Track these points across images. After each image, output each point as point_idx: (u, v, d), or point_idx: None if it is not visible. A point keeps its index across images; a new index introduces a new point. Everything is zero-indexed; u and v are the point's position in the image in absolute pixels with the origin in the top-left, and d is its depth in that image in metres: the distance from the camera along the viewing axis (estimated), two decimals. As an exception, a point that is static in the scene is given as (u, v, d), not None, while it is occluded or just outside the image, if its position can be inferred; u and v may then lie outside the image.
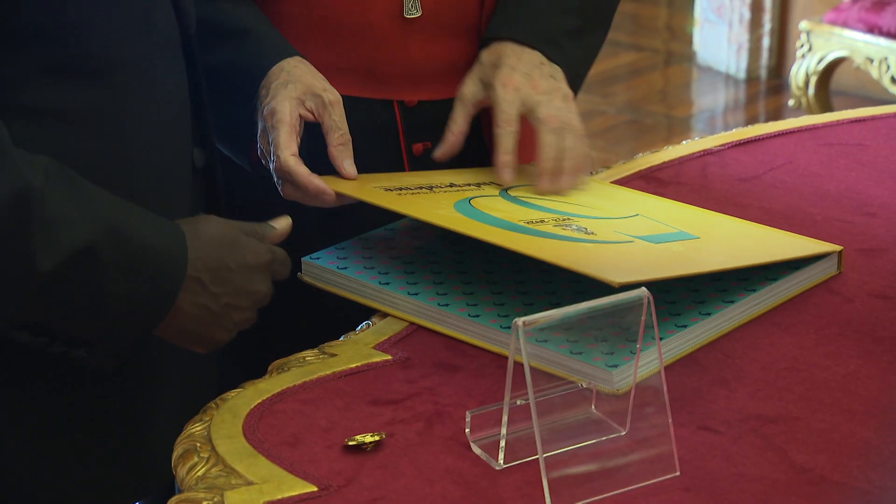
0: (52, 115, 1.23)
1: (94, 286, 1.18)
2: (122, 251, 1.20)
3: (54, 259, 1.14)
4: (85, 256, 1.16)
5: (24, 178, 1.13)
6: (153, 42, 1.33)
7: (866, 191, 1.62)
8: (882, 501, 1.07)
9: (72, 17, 1.21)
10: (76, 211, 1.17)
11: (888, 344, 1.30)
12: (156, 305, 1.23)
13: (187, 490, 1.11)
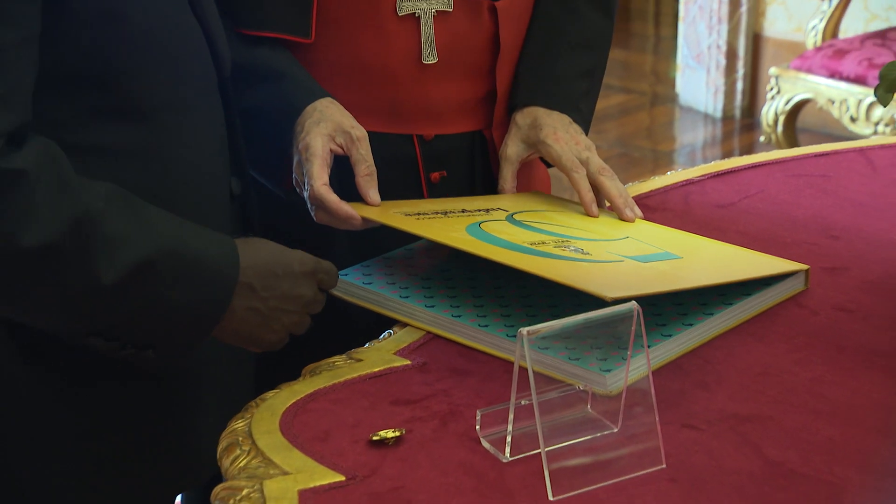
0: (103, 151, 1.23)
1: (155, 296, 1.19)
2: (179, 263, 1.21)
3: (116, 273, 1.15)
4: (144, 269, 1.17)
5: (85, 203, 1.14)
6: (193, 85, 1.34)
7: (830, 216, 1.62)
8: (845, 492, 1.06)
9: (118, 65, 1.21)
10: (134, 229, 1.17)
11: (850, 352, 1.30)
12: (212, 310, 1.24)
13: (231, 479, 1.11)
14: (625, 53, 6.31)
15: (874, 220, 1.62)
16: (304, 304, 1.31)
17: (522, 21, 1.69)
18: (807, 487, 1.07)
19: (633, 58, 6.45)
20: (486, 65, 1.67)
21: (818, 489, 1.07)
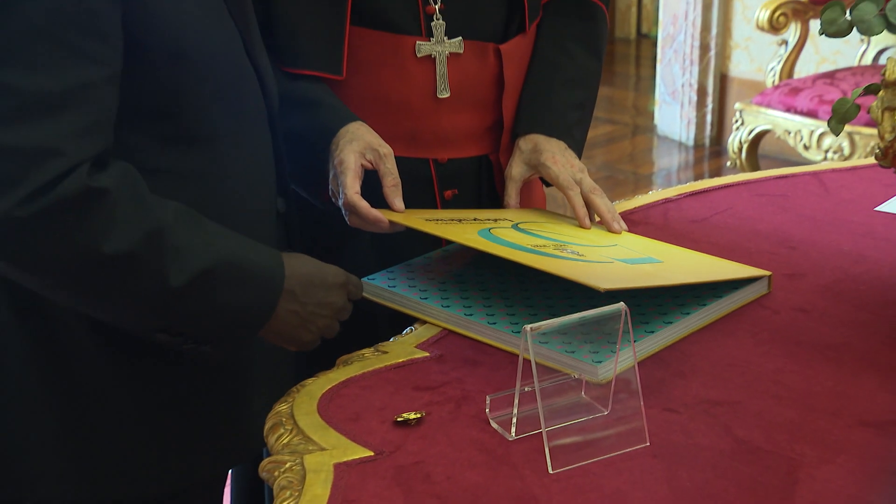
0: (170, 173, 1.23)
1: (214, 298, 1.19)
2: (235, 271, 1.21)
3: (183, 278, 1.15)
4: (206, 276, 1.17)
5: (157, 218, 1.14)
6: (246, 117, 1.34)
7: (789, 230, 1.62)
8: (801, 466, 1.06)
9: (184, 100, 1.22)
10: (198, 241, 1.18)
11: (807, 346, 1.30)
12: (261, 312, 1.24)
13: (275, 454, 1.12)
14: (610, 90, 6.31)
15: (827, 233, 1.62)
16: (335, 311, 1.32)
17: (523, 62, 1.69)
18: (769, 461, 1.07)
19: (618, 94, 6.45)
20: (492, 99, 1.66)
21: (779, 463, 1.07)
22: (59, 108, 1.08)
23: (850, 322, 1.35)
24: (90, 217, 1.10)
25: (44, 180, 1.06)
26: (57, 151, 1.07)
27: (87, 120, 1.10)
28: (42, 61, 1.07)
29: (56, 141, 1.07)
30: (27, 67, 1.06)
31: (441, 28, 1.58)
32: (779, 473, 1.06)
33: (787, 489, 1.03)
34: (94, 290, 1.16)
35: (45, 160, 1.06)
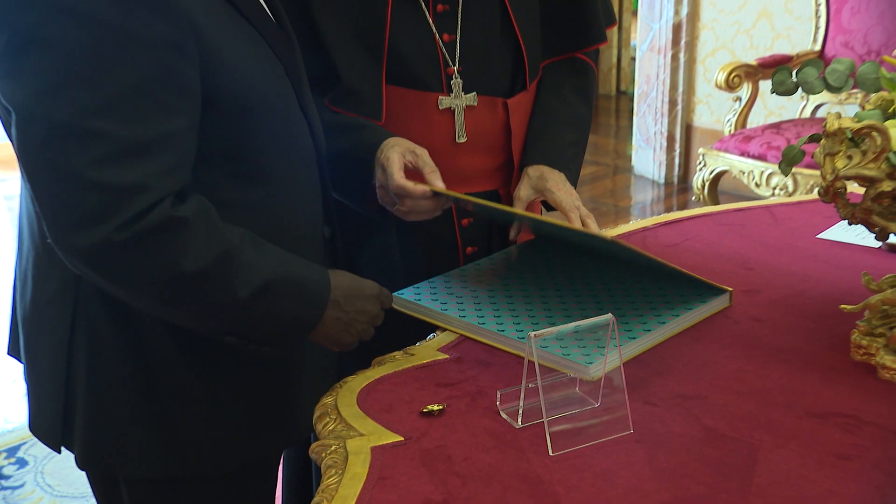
0: (234, 205, 1.24)
1: (272, 307, 1.20)
2: (289, 285, 1.21)
3: (248, 290, 1.16)
4: (266, 288, 1.18)
5: (227, 241, 1.16)
6: (298, 158, 1.34)
7: (746, 254, 1.62)
8: (759, 450, 1.06)
9: (247, 144, 1.23)
10: (260, 260, 1.18)
11: (762, 349, 1.29)
12: (311, 318, 1.25)
13: (323, 439, 1.12)
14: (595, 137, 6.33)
15: (777, 256, 1.61)
16: (371, 318, 1.32)
17: (526, 112, 1.69)
18: (732, 446, 1.07)
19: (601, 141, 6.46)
20: (501, 143, 1.66)
21: (740, 447, 1.07)
22: (148, 153, 1.09)
23: (797, 330, 1.34)
24: (173, 241, 1.11)
25: (135, 211, 1.07)
26: (146, 188, 1.08)
27: (170, 162, 1.11)
28: (136, 114, 1.08)
29: (145, 179, 1.08)
30: (124, 119, 1.07)
31: (459, 86, 1.58)
32: (740, 456, 1.05)
33: (747, 469, 1.03)
34: (175, 302, 1.16)
35: (136, 195, 1.08)
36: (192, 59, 1.12)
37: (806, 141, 1.23)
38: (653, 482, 1.01)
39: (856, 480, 1.00)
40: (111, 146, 1.06)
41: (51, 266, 1.25)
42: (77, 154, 1.06)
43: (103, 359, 1.25)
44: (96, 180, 1.06)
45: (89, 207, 1.07)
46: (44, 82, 1.05)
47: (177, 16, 1.10)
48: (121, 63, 1.06)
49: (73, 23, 1.04)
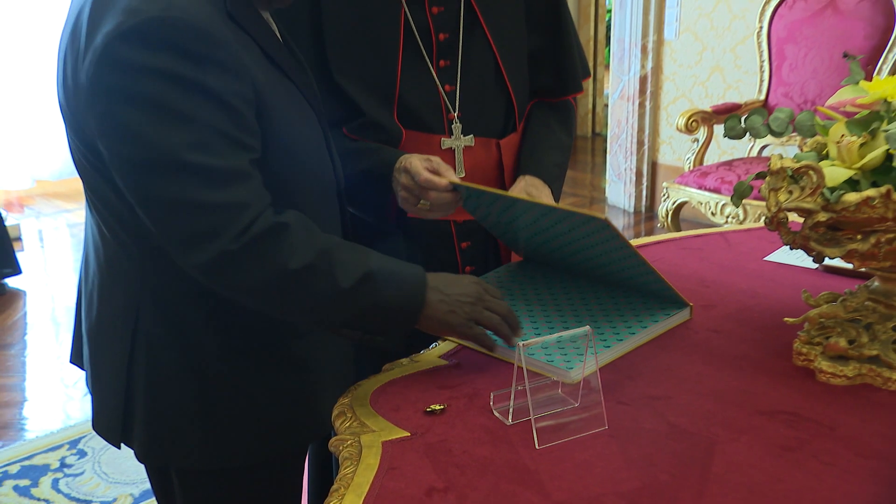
0: None
1: (375, 295, 1.18)
2: (388, 274, 1.20)
3: (349, 280, 1.15)
4: (367, 278, 1.17)
5: (323, 241, 1.18)
6: (323, 189, 1.34)
7: (704, 274, 1.62)
8: (717, 443, 1.06)
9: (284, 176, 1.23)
10: (354, 256, 1.18)
11: (719, 356, 1.29)
12: (415, 302, 1.21)
13: (340, 434, 1.12)
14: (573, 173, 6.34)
15: (730, 276, 1.61)
16: (475, 299, 1.25)
17: (515, 150, 1.68)
18: (693, 440, 1.07)
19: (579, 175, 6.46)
20: (494, 177, 1.65)
21: (699, 441, 1.07)
22: (242, 177, 1.12)
23: (748, 339, 1.34)
24: (279, 243, 1.13)
25: (244, 224, 1.10)
26: (248, 204, 1.11)
27: (258, 182, 1.14)
28: (225, 149, 1.10)
29: (246, 197, 1.11)
30: (216, 154, 1.09)
31: (458, 129, 1.58)
32: (700, 448, 1.05)
33: (706, 459, 1.03)
34: (288, 298, 1.16)
35: (242, 210, 1.10)
36: (253, 108, 1.15)
37: (753, 178, 1.24)
38: (625, 471, 1.01)
39: (798, 469, 1.00)
40: (213, 175, 1.09)
41: (114, 287, 1.26)
42: (187, 184, 1.08)
43: (160, 368, 1.25)
44: (208, 203, 1.08)
45: (206, 226, 1.09)
46: (147, 131, 1.06)
47: (245, 76, 1.13)
48: (207, 110, 1.08)
49: (168, 82, 1.06)
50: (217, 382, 1.26)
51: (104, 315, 1.29)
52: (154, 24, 1.05)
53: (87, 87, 1.08)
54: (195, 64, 1.07)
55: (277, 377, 1.30)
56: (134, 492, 2.58)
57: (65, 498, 2.59)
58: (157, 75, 1.05)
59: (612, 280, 1.48)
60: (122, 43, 1.04)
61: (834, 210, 1.10)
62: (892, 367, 1.18)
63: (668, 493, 0.96)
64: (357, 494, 0.97)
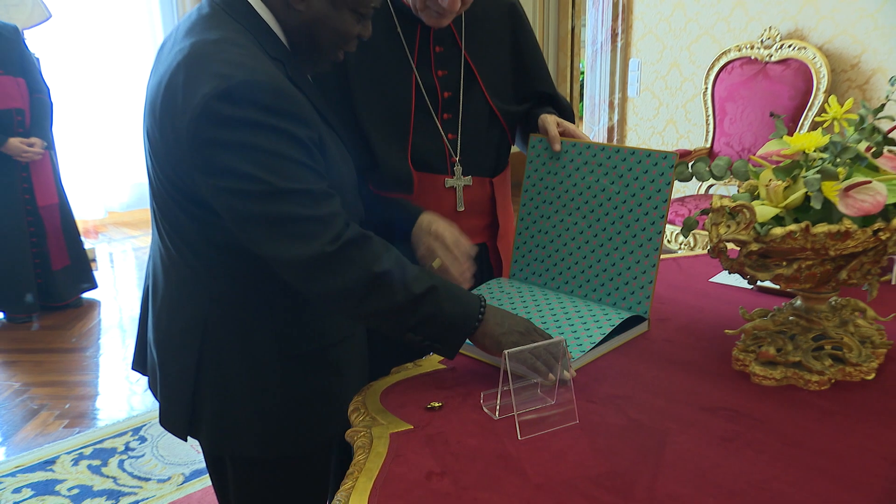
0: None
1: (439, 305, 1.16)
2: (450, 288, 1.19)
3: (420, 288, 1.15)
4: (433, 289, 1.16)
5: (398, 253, 1.17)
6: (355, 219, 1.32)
7: (659, 292, 1.61)
8: (668, 435, 1.05)
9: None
10: (423, 271, 1.18)
11: (671, 362, 1.29)
12: (471, 321, 1.19)
13: (355, 427, 1.12)
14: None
15: (682, 294, 1.61)
16: (526, 330, 1.22)
17: (505, 185, 1.69)
18: (650, 432, 1.07)
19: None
20: (488, 210, 1.65)
21: (654, 433, 1.06)
22: (328, 196, 1.13)
23: (695, 347, 1.34)
24: (365, 249, 1.13)
25: (337, 229, 1.11)
26: (338, 214, 1.13)
27: (339, 200, 1.15)
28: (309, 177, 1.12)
29: (336, 209, 1.13)
30: (302, 181, 1.10)
31: (459, 171, 1.59)
32: (655, 439, 1.05)
33: (659, 448, 1.03)
34: (370, 300, 1.13)
35: (334, 219, 1.12)
36: (318, 148, 1.16)
37: (699, 214, 1.24)
38: (592, 458, 1.01)
39: (735, 456, 1.00)
40: (304, 197, 1.10)
41: (182, 305, 1.26)
42: (283, 206, 1.09)
43: (225, 374, 1.25)
44: (308, 215, 1.09)
45: (307, 232, 1.09)
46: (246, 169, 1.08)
47: (312, 124, 1.14)
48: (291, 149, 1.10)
49: (257, 130, 1.08)
50: (272, 385, 1.25)
51: (174, 328, 1.28)
52: (242, 86, 1.06)
53: (188, 139, 1.08)
54: (277, 115, 1.08)
55: (318, 379, 1.29)
56: (185, 471, 2.56)
57: (129, 476, 2.58)
58: (248, 126, 1.07)
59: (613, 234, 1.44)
60: (218, 102, 1.06)
61: (763, 241, 1.11)
62: (812, 371, 1.18)
63: (628, 477, 0.96)
64: (368, 478, 0.97)
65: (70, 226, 4.13)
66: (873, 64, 3.27)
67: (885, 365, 1.22)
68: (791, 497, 0.92)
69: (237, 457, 1.31)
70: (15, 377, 3.37)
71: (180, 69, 1.10)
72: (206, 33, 1.13)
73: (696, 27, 4.06)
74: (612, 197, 1.44)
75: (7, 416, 3.02)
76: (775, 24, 3.64)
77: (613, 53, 4.66)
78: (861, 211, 1.06)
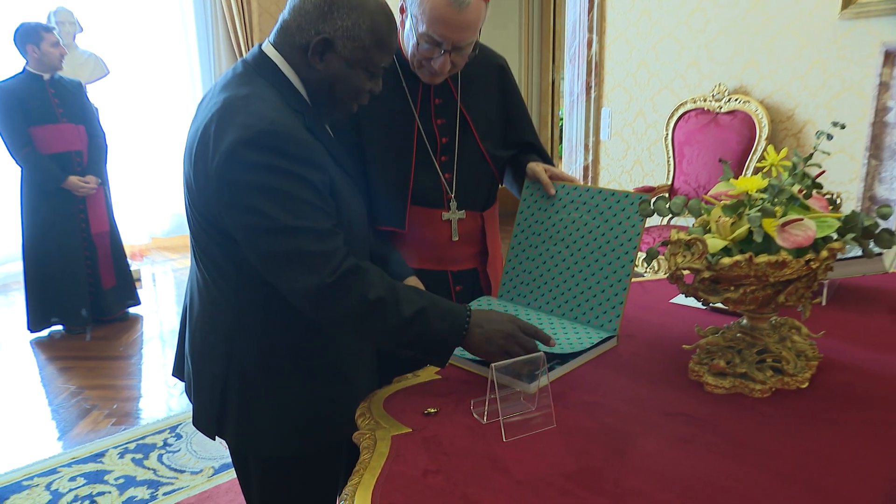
0: None
1: (428, 325, 1.15)
2: (438, 309, 1.17)
3: (411, 311, 1.13)
4: (422, 311, 1.15)
5: (391, 280, 1.15)
6: (364, 247, 1.32)
7: (628, 312, 1.59)
8: (631, 437, 1.05)
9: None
10: (413, 293, 1.16)
11: (637, 372, 1.28)
12: (457, 335, 1.18)
13: (361, 430, 1.11)
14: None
15: (647, 313, 1.60)
16: (507, 335, 1.20)
17: (494, 217, 1.69)
18: (616, 433, 1.06)
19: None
20: (479, 239, 1.65)
21: (621, 435, 1.06)
22: (331, 234, 1.12)
23: (658, 360, 1.33)
24: (361, 279, 1.11)
25: (337, 262, 1.10)
26: (338, 249, 1.11)
27: (342, 237, 1.14)
28: (318, 216, 1.11)
29: (335, 246, 1.11)
30: (312, 219, 1.10)
31: (454, 205, 1.59)
32: (621, 439, 1.05)
33: (626, 448, 1.02)
34: (367, 324, 1.12)
35: (334, 254, 1.10)
36: (328, 190, 1.15)
37: (660, 244, 1.25)
38: (568, 457, 1.00)
39: (691, 455, 1.00)
40: (311, 234, 1.09)
41: (213, 325, 1.26)
42: (294, 242, 1.08)
43: (249, 385, 1.24)
44: (313, 250, 1.09)
45: (311, 265, 1.08)
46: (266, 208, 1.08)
47: (324, 169, 1.14)
48: (305, 192, 1.10)
49: (276, 174, 1.08)
50: (289, 393, 1.24)
51: (205, 345, 1.28)
52: (263, 135, 1.07)
53: (216, 179, 1.09)
54: (291, 160, 1.08)
55: (332, 388, 1.28)
56: (214, 465, 2.54)
57: (166, 468, 2.55)
58: (266, 169, 1.07)
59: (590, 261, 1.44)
60: (243, 148, 1.07)
61: (714, 269, 1.11)
62: (755, 381, 1.18)
63: (598, 474, 0.96)
64: (372, 475, 0.97)
65: (118, 250, 4.14)
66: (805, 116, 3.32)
67: (816, 375, 1.23)
68: (737, 491, 0.91)
69: (258, 455, 1.30)
70: (71, 381, 3.36)
71: (213, 119, 1.12)
72: (238, 89, 1.14)
73: (658, 82, 4.10)
74: (592, 230, 1.46)
75: (64, 414, 3.01)
76: (724, 81, 3.68)
77: (588, 103, 4.70)
78: (795, 244, 1.07)
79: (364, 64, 1.17)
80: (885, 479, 0.93)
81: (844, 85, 3.08)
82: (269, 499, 1.33)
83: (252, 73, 1.17)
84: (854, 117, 3.04)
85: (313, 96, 1.21)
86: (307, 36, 1.14)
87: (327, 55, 1.15)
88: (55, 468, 2.54)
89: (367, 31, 1.14)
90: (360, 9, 1.13)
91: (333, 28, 1.13)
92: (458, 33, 1.35)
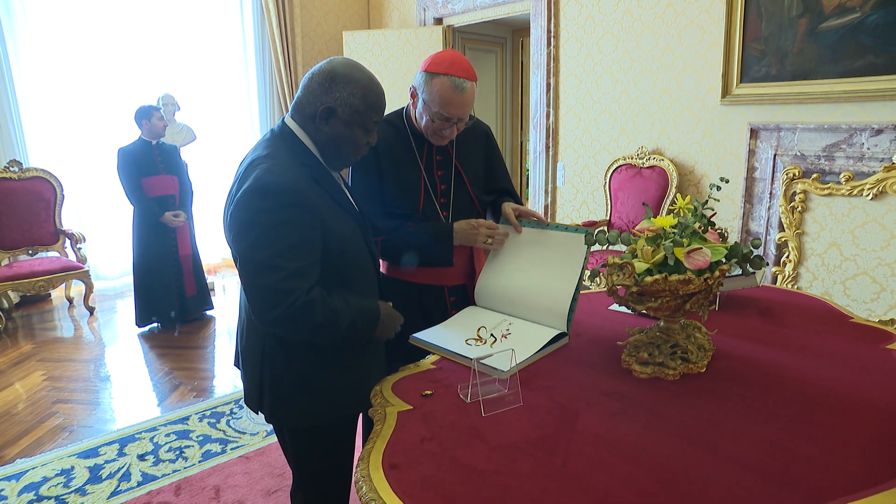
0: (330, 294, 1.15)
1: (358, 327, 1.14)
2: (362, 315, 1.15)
3: (346, 323, 1.11)
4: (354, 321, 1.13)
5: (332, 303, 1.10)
6: (365, 278, 1.24)
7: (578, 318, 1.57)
8: (579, 412, 1.03)
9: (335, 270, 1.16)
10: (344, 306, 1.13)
11: (583, 364, 1.26)
12: (373, 327, 1.17)
13: (374, 406, 1.08)
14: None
15: (591, 318, 1.57)
16: (395, 326, 1.22)
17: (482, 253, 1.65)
18: (568, 410, 1.04)
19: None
20: (468, 261, 1.61)
21: (570, 411, 1.04)
22: (302, 273, 1.08)
23: (599, 353, 1.31)
24: (310, 309, 1.08)
25: (295, 298, 1.06)
26: (299, 288, 1.07)
27: (312, 277, 1.10)
28: (296, 257, 1.08)
29: (301, 286, 1.07)
30: (291, 259, 1.07)
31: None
32: (570, 415, 1.03)
33: (573, 422, 1.01)
34: (322, 335, 1.10)
35: (296, 291, 1.07)
36: (317, 230, 1.10)
37: (601, 266, 1.25)
38: (531, 429, 0.99)
39: (621, 425, 0.99)
40: (288, 272, 1.06)
41: (251, 328, 1.23)
42: (272, 277, 1.06)
43: (277, 373, 1.21)
44: (282, 288, 1.05)
45: (278, 298, 1.06)
46: (253, 243, 1.06)
47: (313, 210, 1.10)
48: (289, 234, 1.07)
49: (272, 218, 1.06)
50: (313, 377, 1.21)
51: (247, 344, 1.25)
52: (268, 187, 1.05)
53: (230, 217, 1.09)
54: (288, 208, 1.06)
55: (349, 373, 1.24)
56: (267, 429, 2.52)
57: (233, 430, 2.54)
58: (266, 214, 1.05)
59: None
60: (250, 195, 1.06)
61: (640, 285, 1.11)
62: (669, 368, 1.17)
63: (553, 441, 0.95)
64: (382, 441, 0.95)
65: (199, 267, 4.18)
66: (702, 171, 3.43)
67: (712, 362, 1.22)
68: (655, 452, 0.91)
69: (288, 425, 1.26)
70: (165, 364, 3.38)
71: (241, 173, 1.12)
72: (262, 150, 1.14)
73: (598, 144, 4.15)
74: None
75: (160, 388, 3.02)
76: (645, 144, 3.74)
77: (547, 159, 4.73)
78: (697, 266, 1.07)
79: (360, 123, 1.14)
80: (762, 439, 0.94)
81: (727, 150, 3.24)
82: (301, 458, 1.30)
83: (276, 138, 1.16)
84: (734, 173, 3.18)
85: (323, 152, 1.17)
86: (314, 107, 1.13)
87: (331, 120, 1.13)
88: (155, 426, 2.57)
89: (360, 98, 1.12)
90: (355, 82, 1.12)
91: (333, 99, 1.12)
92: (461, 110, 1.39)
